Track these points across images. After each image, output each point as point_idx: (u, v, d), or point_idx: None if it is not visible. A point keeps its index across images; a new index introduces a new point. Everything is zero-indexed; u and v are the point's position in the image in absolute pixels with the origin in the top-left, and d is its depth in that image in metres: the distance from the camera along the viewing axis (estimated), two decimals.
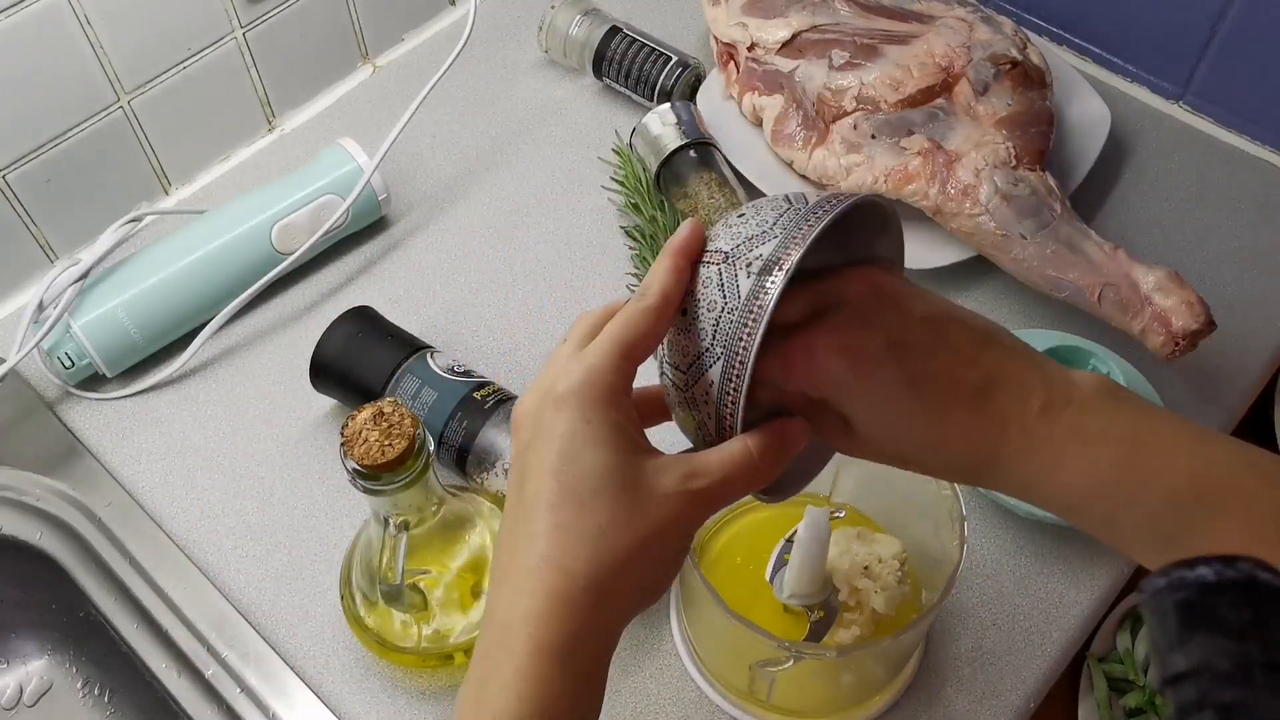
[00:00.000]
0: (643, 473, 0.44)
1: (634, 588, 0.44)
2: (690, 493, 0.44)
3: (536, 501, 0.43)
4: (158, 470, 0.77)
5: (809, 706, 0.66)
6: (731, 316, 0.44)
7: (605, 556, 0.42)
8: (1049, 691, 0.69)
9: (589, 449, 0.43)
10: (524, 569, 0.43)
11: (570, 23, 0.97)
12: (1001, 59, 0.85)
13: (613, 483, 0.43)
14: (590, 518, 0.42)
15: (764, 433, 0.46)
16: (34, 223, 0.84)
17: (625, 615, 0.45)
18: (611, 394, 0.44)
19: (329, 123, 0.97)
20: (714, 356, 0.45)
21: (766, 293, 0.44)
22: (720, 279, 0.45)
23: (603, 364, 0.44)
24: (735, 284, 0.45)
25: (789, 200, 0.47)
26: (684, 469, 0.44)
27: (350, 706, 0.67)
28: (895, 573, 0.65)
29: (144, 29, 0.83)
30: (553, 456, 0.43)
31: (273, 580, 0.72)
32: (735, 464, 0.45)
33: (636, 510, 0.43)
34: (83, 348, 0.77)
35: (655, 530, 0.43)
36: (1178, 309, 0.73)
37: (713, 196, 0.85)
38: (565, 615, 0.42)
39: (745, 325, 0.44)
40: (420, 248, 0.89)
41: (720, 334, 0.44)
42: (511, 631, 0.42)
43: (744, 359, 0.44)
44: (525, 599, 0.42)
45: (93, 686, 0.80)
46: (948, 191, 0.80)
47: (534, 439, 0.44)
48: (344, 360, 0.75)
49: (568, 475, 0.43)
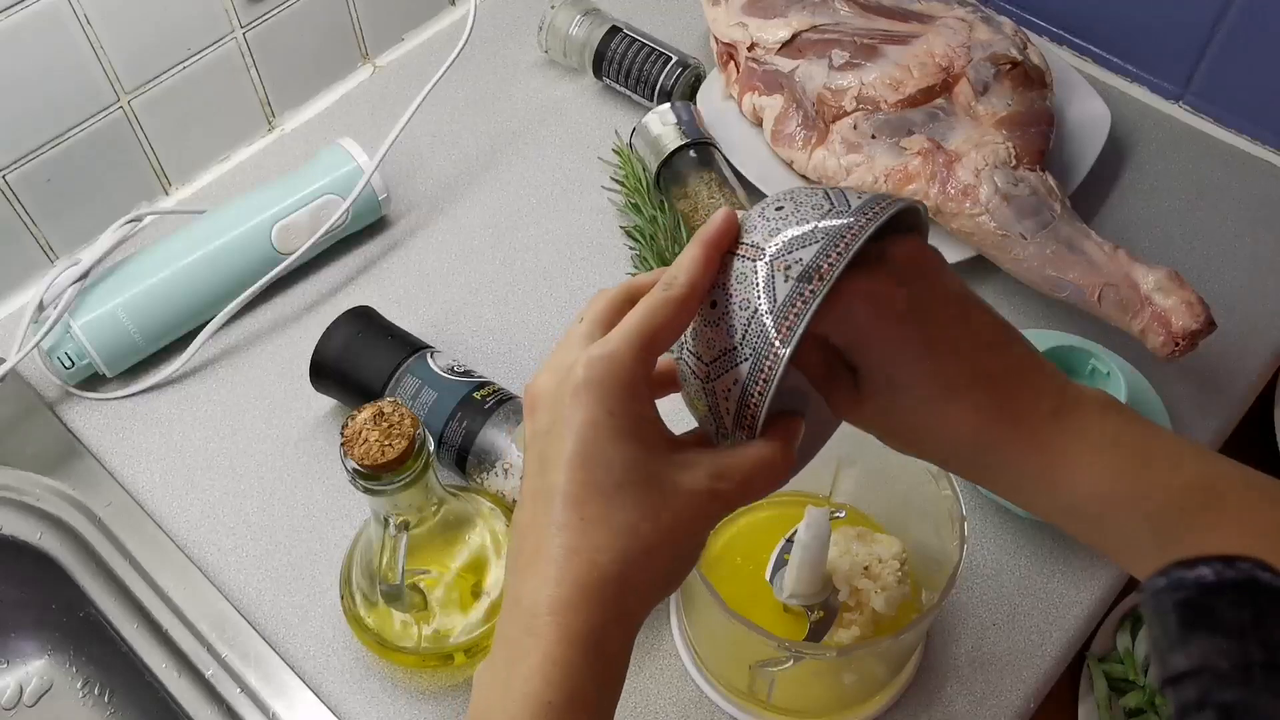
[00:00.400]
0: (669, 468, 0.44)
1: (656, 580, 0.44)
2: (715, 492, 0.44)
3: (560, 492, 0.43)
4: (158, 470, 0.77)
5: (809, 706, 0.66)
6: (766, 320, 0.43)
7: (632, 550, 0.42)
8: (1049, 691, 0.69)
9: (614, 442, 0.43)
10: (550, 558, 0.43)
11: (570, 23, 0.97)
12: (1001, 59, 0.85)
13: (639, 477, 0.43)
14: (617, 513, 0.42)
15: (781, 434, 0.46)
16: (34, 223, 0.84)
17: (647, 605, 0.45)
18: (635, 385, 0.44)
19: (329, 123, 0.97)
20: (742, 356, 0.44)
21: (806, 300, 0.43)
22: (756, 277, 0.44)
23: (627, 353, 0.44)
24: (772, 286, 0.44)
25: (829, 199, 0.46)
26: (710, 469, 0.44)
27: (350, 706, 0.67)
28: (895, 573, 0.65)
29: (144, 29, 0.83)
30: (577, 446, 0.43)
31: (273, 580, 0.72)
32: (760, 467, 0.45)
33: (663, 506, 0.43)
34: (83, 348, 0.77)
35: (680, 525, 0.44)
36: (1178, 309, 0.73)
37: (713, 196, 0.85)
38: (593, 606, 0.42)
39: (779, 331, 0.43)
40: (420, 248, 0.89)
41: (751, 335, 0.44)
42: (540, 619, 0.42)
43: (774, 365, 0.43)
44: (553, 588, 0.42)
45: (93, 686, 0.80)
46: (948, 191, 0.80)
47: (554, 425, 0.44)
48: (344, 360, 0.75)
49: (593, 468, 0.43)
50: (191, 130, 0.91)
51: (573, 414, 0.43)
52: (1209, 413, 0.79)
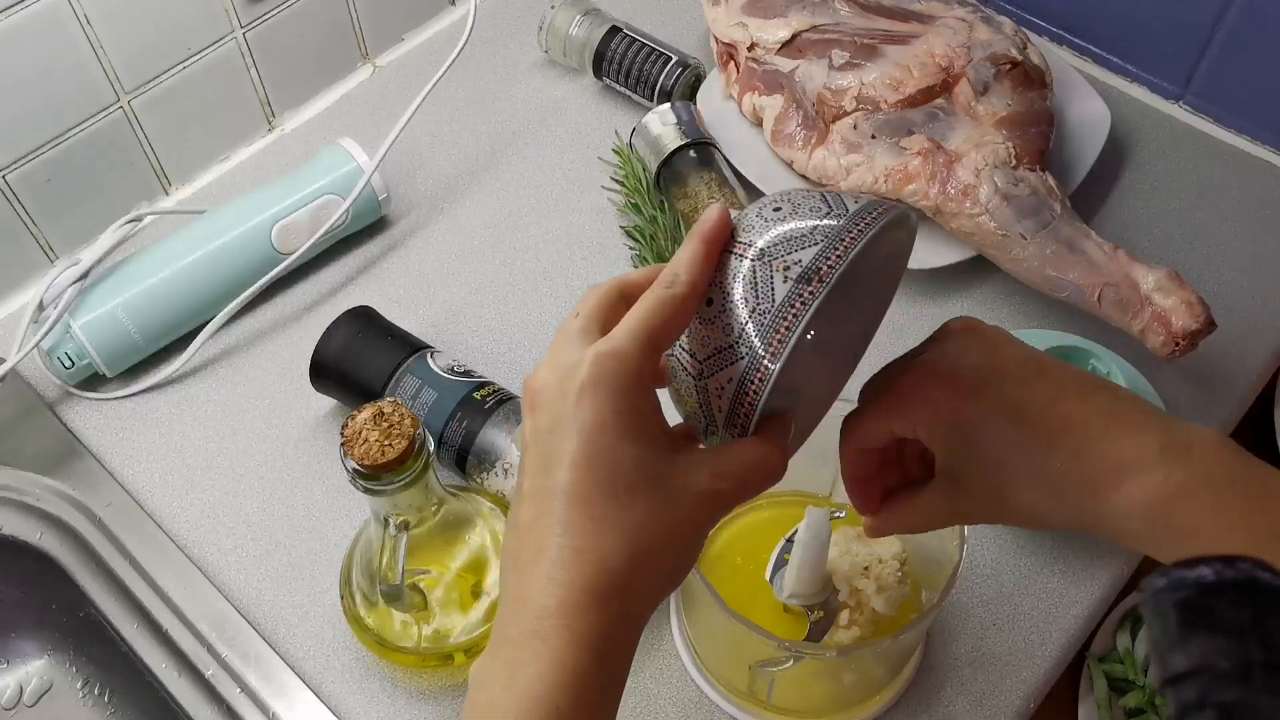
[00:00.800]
0: (674, 468, 0.44)
1: (659, 579, 0.45)
2: (717, 492, 0.44)
3: (566, 492, 0.43)
4: (158, 470, 0.77)
5: (809, 707, 0.66)
6: (763, 319, 0.43)
7: (639, 550, 0.42)
8: (1049, 691, 0.69)
9: (622, 442, 0.43)
10: (555, 560, 0.42)
11: (570, 23, 0.97)
12: (1001, 59, 0.85)
13: (646, 477, 0.43)
14: (626, 513, 0.42)
15: (774, 433, 0.46)
16: (34, 223, 0.84)
17: (651, 605, 0.45)
18: (641, 383, 0.43)
19: (329, 123, 0.97)
20: (737, 355, 0.44)
21: (805, 301, 0.43)
22: (754, 277, 0.44)
23: (634, 351, 0.43)
24: (770, 286, 0.44)
25: (827, 202, 0.46)
26: (712, 469, 0.44)
27: (350, 706, 0.67)
28: (895, 573, 0.65)
29: (144, 29, 0.83)
30: (584, 446, 0.42)
31: (273, 580, 0.72)
32: (756, 467, 0.45)
33: (669, 506, 0.43)
34: (83, 348, 0.77)
35: (684, 526, 0.44)
36: (1178, 309, 0.73)
37: (713, 196, 0.85)
38: (600, 607, 0.42)
39: (777, 331, 0.43)
40: (420, 248, 0.89)
41: (748, 335, 0.44)
42: (546, 621, 0.42)
43: (770, 366, 0.43)
44: (560, 590, 0.42)
45: (93, 686, 0.80)
46: (948, 191, 0.80)
47: (557, 423, 0.43)
48: (344, 360, 0.75)
49: (601, 468, 0.42)
50: (191, 130, 0.91)
51: (579, 413, 0.42)
52: (1209, 413, 0.79)
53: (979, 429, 0.47)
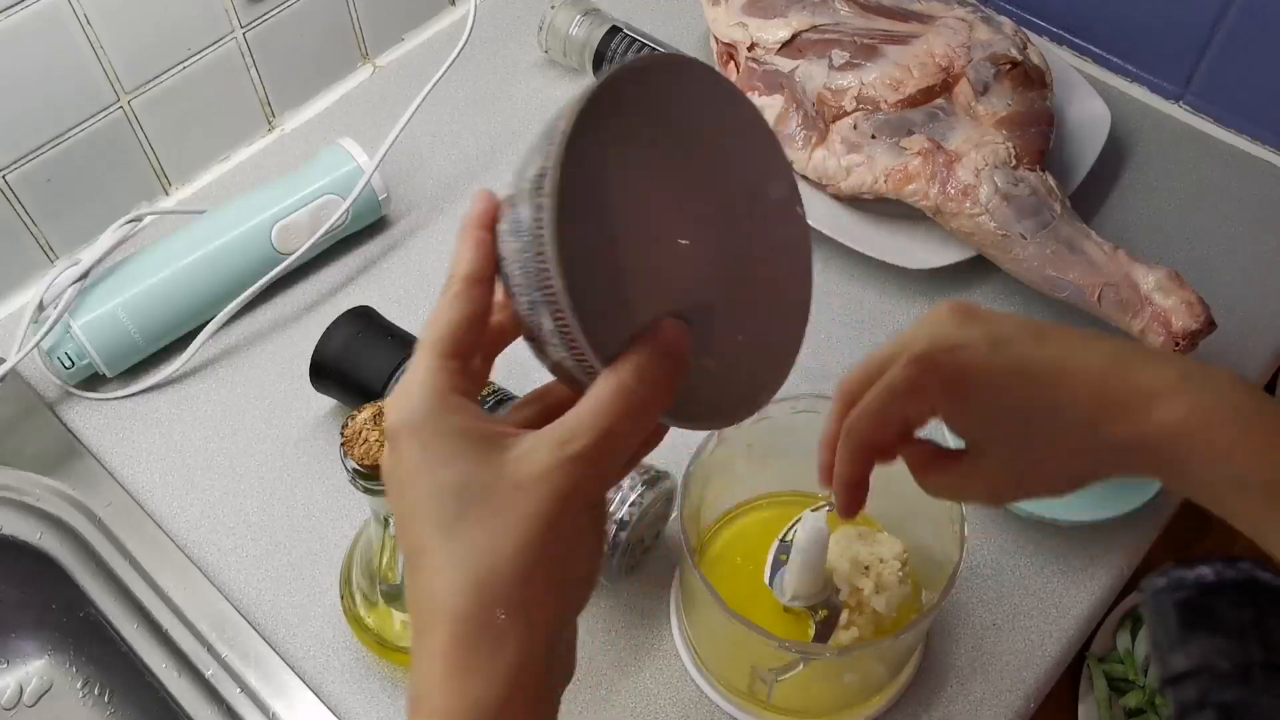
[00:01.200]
0: (505, 464, 0.39)
1: (553, 586, 0.39)
2: (571, 458, 0.38)
3: (411, 553, 0.39)
4: (158, 470, 0.77)
5: (809, 707, 0.66)
6: (528, 254, 0.39)
7: (492, 577, 0.37)
8: (1049, 691, 0.69)
9: (435, 473, 0.39)
10: (419, 630, 0.39)
11: (570, 23, 0.97)
12: (1001, 59, 0.85)
13: (473, 494, 0.38)
14: (458, 544, 0.38)
15: (637, 354, 0.40)
16: (34, 223, 0.84)
17: (561, 617, 0.40)
18: (441, 403, 0.40)
19: (329, 123, 0.97)
20: (535, 303, 0.40)
21: (543, 208, 0.37)
22: (512, 224, 0.41)
23: (422, 376, 0.41)
24: (519, 219, 0.40)
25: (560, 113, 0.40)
26: (554, 436, 0.39)
27: (350, 706, 0.67)
28: (896, 573, 0.65)
29: (144, 29, 0.83)
30: (408, 498, 0.40)
31: (273, 580, 0.72)
32: (610, 404, 0.39)
33: (511, 508, 0.38)
34: (83, 348, 0.77)
35: (544, 515, 0.38)
36: (1178, 309, 0.73)
37: None
38: (466, 671, 0.37)
39: (540, 253, 0.38)
40: (420, 248, 0.89)
41: (529, 278, 0.39)
42: (423, 704, 0.38)
43: (558, 291, 0.38)
44: (425, 664, 0.38)
45: (93, 686, 0.80)
46: (948, 191, 0.80)
47: (387, 481, 0.41)
48: (344, 360, 0.75)
49: (426, 512, 0.39)
50: (191, 130, 0.91)
51: (395, 467, 0.40)
52: None
53: (999, 394, 0.46)
